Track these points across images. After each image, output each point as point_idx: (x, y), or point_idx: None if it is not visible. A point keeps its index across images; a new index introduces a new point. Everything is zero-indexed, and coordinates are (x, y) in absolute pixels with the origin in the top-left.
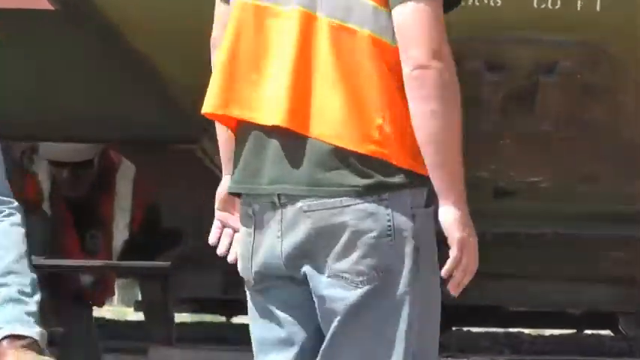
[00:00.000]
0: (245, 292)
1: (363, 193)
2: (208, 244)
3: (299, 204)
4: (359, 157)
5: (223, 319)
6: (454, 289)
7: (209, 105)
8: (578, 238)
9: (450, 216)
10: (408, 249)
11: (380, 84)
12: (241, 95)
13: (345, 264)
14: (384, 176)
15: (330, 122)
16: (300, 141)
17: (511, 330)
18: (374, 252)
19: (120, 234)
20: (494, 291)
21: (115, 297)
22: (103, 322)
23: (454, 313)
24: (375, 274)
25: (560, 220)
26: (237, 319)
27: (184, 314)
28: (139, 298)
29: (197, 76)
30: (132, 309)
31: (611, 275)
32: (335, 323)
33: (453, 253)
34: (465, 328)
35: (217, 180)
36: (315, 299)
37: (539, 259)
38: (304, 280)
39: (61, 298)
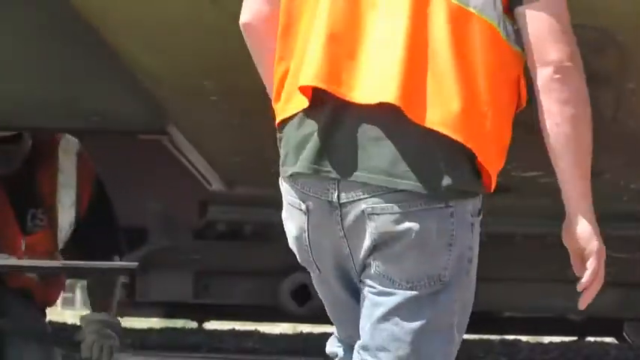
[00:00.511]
0: (214, 295)
1: (435, 196)
2: (178, 243)
3: (362, 205)
4: (455, 149)
5: (195, 324)
6: (586, 303)
7: (307, 78)
8: None
9: (586, 227)
10: (464, 260)
11: (491, 77)
12: (340, 70)
13: (397, 268)
14: (465, 177)
15: (440, 109)
16: (395, 124)
17: (507, 337)
18: (431, 260)
19: (66, 212)
20: (489, 296)
21: (78, 299)
22: (64, 326)
23: None
24: (426, 281)
25: (560, 219)
26: (210, 325)
27: (152, 319)
28: None
29: (167, 65)
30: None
31: (615, 278)
32: (375, 316)
33: (592, 265)
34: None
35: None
36: (363, 296)
37: (538, 261)
38: (355, 277)
39: (8, 294)
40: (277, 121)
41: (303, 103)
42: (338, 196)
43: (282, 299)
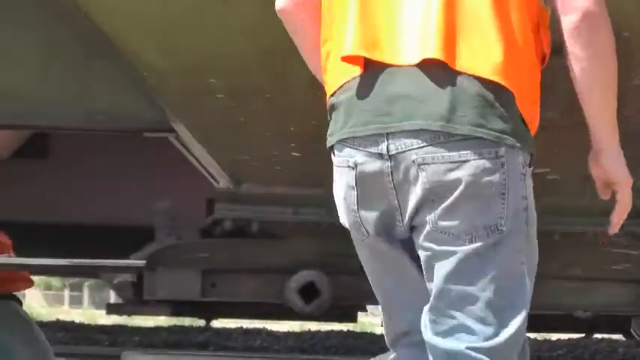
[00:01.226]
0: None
1: (488, 143)
2: (185, 241)
3: (412, 156)
4: (502, 97)
5: (202, 322)
6: (616, 229)
7: (349, 48)
8: (586, 235)
9: (614, 160)
10: (520, 209)
11: (523, 27)
12: (379, 36)
13: (453, 221)
14: (517, 125)
15: (484, 59)
16: (443, 76)
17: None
18: (486, 210)
19: None
20: None
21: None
22: (72, 327)
23: None
24: (484, 232)
25: (568, 215)
26: (217, 323)
27: (160, 317)
28: (111, 300)
29: (173, 62)
30: (103, 312)
31: (624, 275)
32: (440, 277)
33: (621, 195)
34: None
35: (196, 175)
36: (420, 252)
37: (545, 258)
38: (401, 234)
39: None
40: (327, 96)
41: (349, 73)
42: (387, 147)
43: (290, 297)
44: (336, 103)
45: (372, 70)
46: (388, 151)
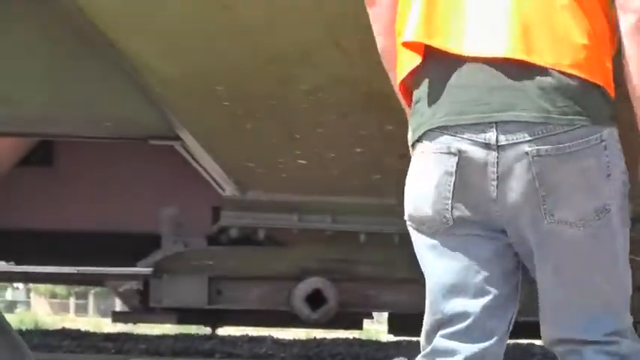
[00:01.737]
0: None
1: (592, 130)
2: (191, 249)
3: (524, 148)
4: (588, 87)
5: (208, 330)
6: None
7: (413, 34)
8: None
9: None
10: (621, 186)
11: (599, 15)
12: (448, 24)
13: (568, 210)
14: (607, 112)
15: (564, 50)
16: (527, 70)
17: (521, 342)
18: (595, 195)
19: None
20: None
21: (91, 306)
22: (78, 335)
23: None
24: (595, 215)
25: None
26: (223, 331)
27: (166, 325)
28: (117, 308)
29: (178, 70)
30: (109, 319)
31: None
32: (552, 265)
33: None
34: None
35: (202, 183)
36: (523, 243)
37: None
38: (497, 225)
39: None
40: (400, 83)
41: (417, 61)
42: (497, 137)
43: (296, 304)
44: (415, 97)
45: (452, 60)
46: (497, 141)
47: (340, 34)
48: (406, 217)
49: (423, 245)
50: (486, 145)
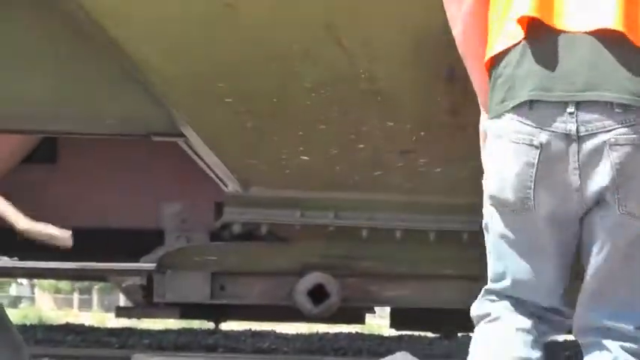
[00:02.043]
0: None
1: None
2: (194, 244)
3: (603, 137)
4: None
5: (211, 325)
6: None
7: (529, 8)
8: None
9: None
10: None
11: None
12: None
13: (636, 202)
14: None
15: None
16: (626, 49)
17: None
18: None
19: None
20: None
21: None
22: (82, 329)
23: (460, 318)
24: None
25: None
26: (226, 326)
27: (169, 320)
28: (120, 303)
29: (180, 68)
30: (112, 315)
31: None
32: (618, 252)
33: None
34: (470, 334)
35: (205, 179)
36: (592, 232)
37: None
38: (575, 218)
39: None
40: (488, 59)
41: (517, 36)
42: (577, 129)
43: (298, 299)
44: (506, 69)
45: (542, 36)
46: (578, 132)
47: (341, 32)
48: (488, 196)
49: (502, 224)
50: (567, 137)
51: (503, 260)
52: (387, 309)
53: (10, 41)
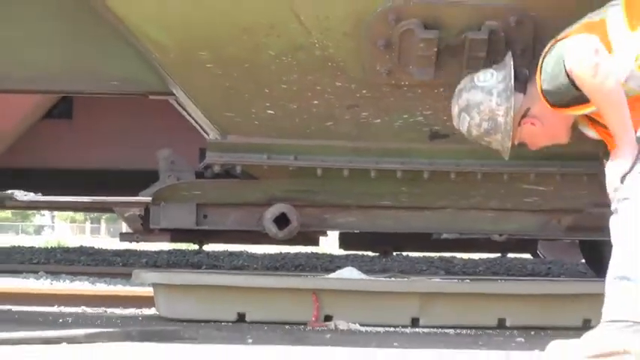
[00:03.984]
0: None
1: None
2: (184, 180)
3: None
4: None
5: (196, 247)
6: None
7: None
8: (501, 172)
9: None
10: None
11: None
12: None
13: None
14: None
15: None
16: None
17: (445, 254)
18: None
19: None
20: (430, 221)
21: (102, 229)
22: (93, 251)
23: (395, 240)
24: None
25: (487, 157)
26: (208, 247)
27: (163, 243)
28: (123, 230)
29: (172, 39)
30: (117, 239)
31: (532, 206)
32: None
33: None
34: (404, 253)
35: (188, 126)
36: None
37: (469, 193)
38: None
39: None
40: None
41: None
42: None
43: (266, 225)
44: None
45: None
46: None
47: (299, 10)
48: None
49: None
50: None
51: None
52: (337, 233)
53: (31, 18)
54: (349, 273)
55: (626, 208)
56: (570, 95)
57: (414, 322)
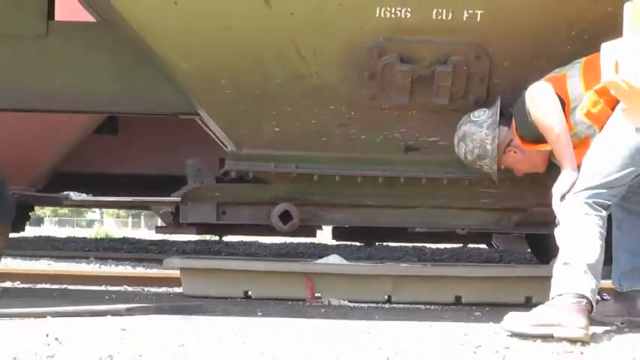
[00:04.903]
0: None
1: None
2: (207, 184)
3: None
4: None
5: (217, 238)
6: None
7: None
8: (462, 179)
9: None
10: None
11: None
12: None
13: None
14: None
15: None
16: None
17: (417, 244)
18: None
19: None
20: (405, 217)
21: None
22: (134, 241)
23: (377, 232)
24: None
25: (451, 166)
26: (227, 238)
27: (190, 235)
28: (159, 224)
29: (197, 69)
30: (154, 231)
31: (487, 206)
32: None
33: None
34: (385, 244)
35: (210, 141)
36: None
37: (437, 194)
38: None
39: None
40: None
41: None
42: None
43: (273, 220)
44: None
45: None
46: None
47: (300, 45)
48: None
49: None
50: None
51: None
52: (330, 227)
53: (86, 55)
54: (334, 259)
55: (563, 222)
56: (536, 133)
57: (389, 299)
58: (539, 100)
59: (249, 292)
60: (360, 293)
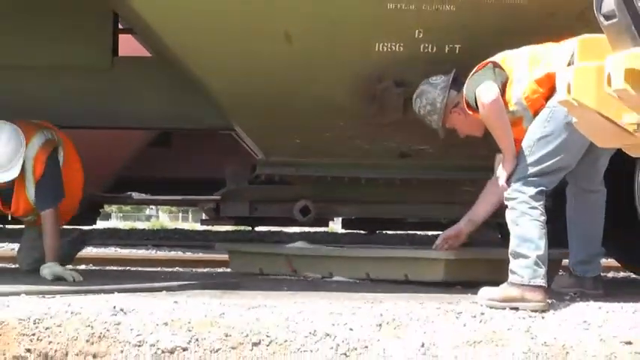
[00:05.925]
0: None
1: None
2: (242, 185)
3: None
4: None
5: (249, 228)
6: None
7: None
8: (446, 179)
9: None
10: None
11: None
12: None
13: None
14: None
15: None
16: None
17: (410, 232)
18: None
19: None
20: (401, 210)
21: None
22: (184, 232)
23: (379, 222)
24: None
25: (437, 169)
26: (258, 228)
27: (228, 226)
28: (204, 217)
29: (233, 90)
30: (199, 224)
31: (466, 200)
32: None
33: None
34: (384, 232)
35: (244, 150)
36: None
37: (426, 192)
38: None
39: None
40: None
41: None
42: None
43: (295, 214)
44: None
45: None
46: None
47: (319, 75)
48: None
49: None
50: None
51: None
52: (340, 218)
53: (143, 84)
54: (301, 244)
55: (510, 205)
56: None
57: (368, 276)
58: (492, 116)
59: (262, 269)
60: (343, 271)
